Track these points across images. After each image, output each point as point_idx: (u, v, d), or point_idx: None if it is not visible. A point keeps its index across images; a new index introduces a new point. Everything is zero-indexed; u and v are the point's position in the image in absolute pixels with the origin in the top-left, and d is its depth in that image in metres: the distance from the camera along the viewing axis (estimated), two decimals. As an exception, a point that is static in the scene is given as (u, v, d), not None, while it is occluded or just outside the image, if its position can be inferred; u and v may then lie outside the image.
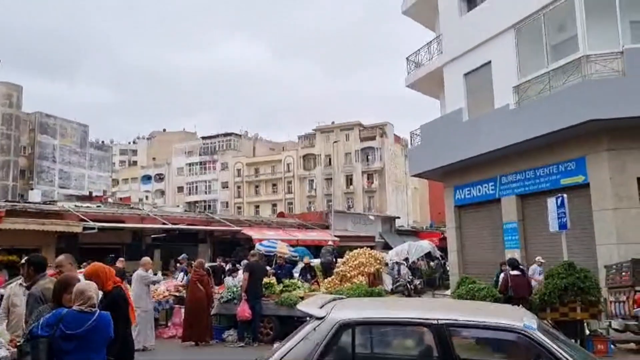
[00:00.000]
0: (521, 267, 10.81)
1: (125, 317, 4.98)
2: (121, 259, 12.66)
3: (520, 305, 5.24)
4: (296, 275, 15.12)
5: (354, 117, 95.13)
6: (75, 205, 25.67)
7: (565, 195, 10.61)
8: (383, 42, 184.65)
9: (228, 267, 17.55)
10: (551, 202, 10.76)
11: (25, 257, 5.91)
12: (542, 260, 12.67)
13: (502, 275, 11.30)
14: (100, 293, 5.09)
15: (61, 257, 6.13)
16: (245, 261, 13.02)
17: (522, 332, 3.43)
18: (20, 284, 6.25)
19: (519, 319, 3.61)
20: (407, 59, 19.60)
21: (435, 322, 3.52)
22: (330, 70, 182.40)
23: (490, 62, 15.54)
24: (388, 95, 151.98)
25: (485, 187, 15.86)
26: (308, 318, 4.11)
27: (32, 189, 50.70)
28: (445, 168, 16.90)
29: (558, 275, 9.40)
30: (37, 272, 5.48)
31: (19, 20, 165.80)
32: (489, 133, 14.49)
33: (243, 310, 11.07)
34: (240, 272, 13.10)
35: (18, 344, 4.97)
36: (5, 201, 27.56)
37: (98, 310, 3.92)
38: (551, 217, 10.71)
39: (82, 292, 4.02)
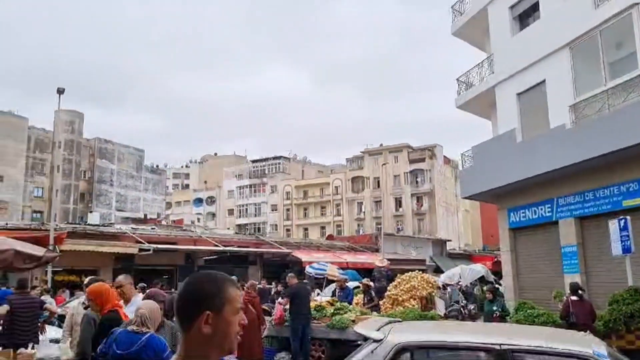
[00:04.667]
0: (580, 292, 10.35)
1: None
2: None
3: (588, 332, 4.98)
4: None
5: (401, 139, 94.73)
6: (132, 228, 26.47)
7: (628, 218, 10.15)
8: (425, 66, 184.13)
9: (275, 289, 17.64)
10: (613, 225, 10.31)
11: (87, 279, 6.11)
12: None
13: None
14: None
15: (121, 277, 6.34)
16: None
17: (592, 359, 3.26)
18: (83, 303, 6.49)
19: (587, 345, 3.45)
20: (457, 79, 19.41)
21: (498, 347, 3.39)
22: (373, 95, 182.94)
23: (544, 81, 15.20)
24: (434, 118, 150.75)
25: (542, 209, 15.37)
26: (361, 342, 4.06)
27: (91, 212, 52.75)
28: (498, 190, 16.49)
29: (623, 301, 8.97)
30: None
31: (73, 54, 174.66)
32: (545, 154, 14.09)
33: (279, 315, 11.58)
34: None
35: None
36: (66, 223, 28.75)
37: (150, 332, 3.91)
38: (613, 240, 10.26)
39: (136, 310, 4.09)
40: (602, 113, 12.80)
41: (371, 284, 15.71)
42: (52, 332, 7.95)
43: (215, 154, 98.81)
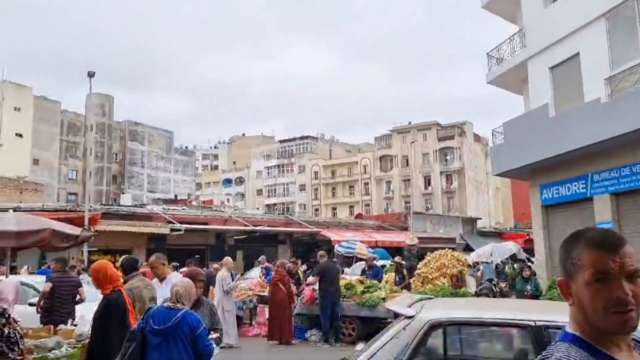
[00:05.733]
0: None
1: (120, 324, 4.64)
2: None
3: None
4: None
5: (429, 117, 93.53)
6: (163, 208, 26.91)
7: (667, 193, 9.86)
8: (453, 42, 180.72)
9: (303, 267, 17.75)
10: (651, 201, 10.04)
11: (122, 258, 6.27)
12: None
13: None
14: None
15: (152, 258, 6.46)
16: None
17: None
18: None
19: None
20: (487, 54, 18.99)
21: (533, 323, 3.34)
22: (400, 73, 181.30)
23: (578, 53, 14.75)
24: (464, 95, 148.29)
25: (575, 185, 15.05)
26: (391, 319, 4.05)
27: (123, 193, 53.84)
28: (530, 166, 16.19)
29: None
30: (128, 273, 5.78)
31: (101, 39, 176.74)
32: (579, 128, 13.73)
33: (309, 296, 11.59)
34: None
35: None
36: (100, 204, 29.40)
37: (185, 308, 4.03)
38: (651, 216, 9.99)
39: (172, 287, 4.20)
40: (639, 85, 12.39)
41: (403, 262, 15.71)
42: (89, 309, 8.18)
43: (243, 135, 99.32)
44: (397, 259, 15.53)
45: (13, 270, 15.64)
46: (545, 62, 16.05)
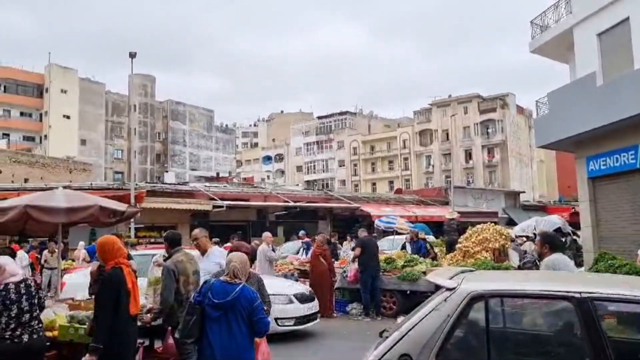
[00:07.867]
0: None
1: (115, 303, 4.41)
2: None
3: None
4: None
5: (470, 90, 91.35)
6: (205, 186, 27.41)
7: None
8: (492, 14, 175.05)
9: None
10: None
11: (166, 233, 6.47)
12: None
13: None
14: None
15: (196, 231, 6.62)
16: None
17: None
18: (163, 255, 6.88)
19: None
20: (531, 22, 18.35)
21: (578, 295, 3.27)
22: (437, 47, 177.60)
23: (628, 18, 14.09)
24: (505, 67, 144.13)
25: (624, 156, 14.51)
26: (431, 293, 4.03)
27: (166, 172, 55.03)
28: (576, 137, 15.69)
29: None
30: (172, 247, 5.93)
31: (139, 20, 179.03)
32: (629, 97, 13.19)
33: (353, 275, 11.57)
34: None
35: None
36: (145, 183, 30.16)
37: (243, 282, 4.14)
38: None
39: (228, 262, 4.30)
40: (695, 50, 11.78)
41: (426, 236, 15.67)
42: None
43: (282, 112, 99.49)
44: (418, 233, 15.50)
45: (66, 247, 16.35)
46: (593, 29, 15.41)
